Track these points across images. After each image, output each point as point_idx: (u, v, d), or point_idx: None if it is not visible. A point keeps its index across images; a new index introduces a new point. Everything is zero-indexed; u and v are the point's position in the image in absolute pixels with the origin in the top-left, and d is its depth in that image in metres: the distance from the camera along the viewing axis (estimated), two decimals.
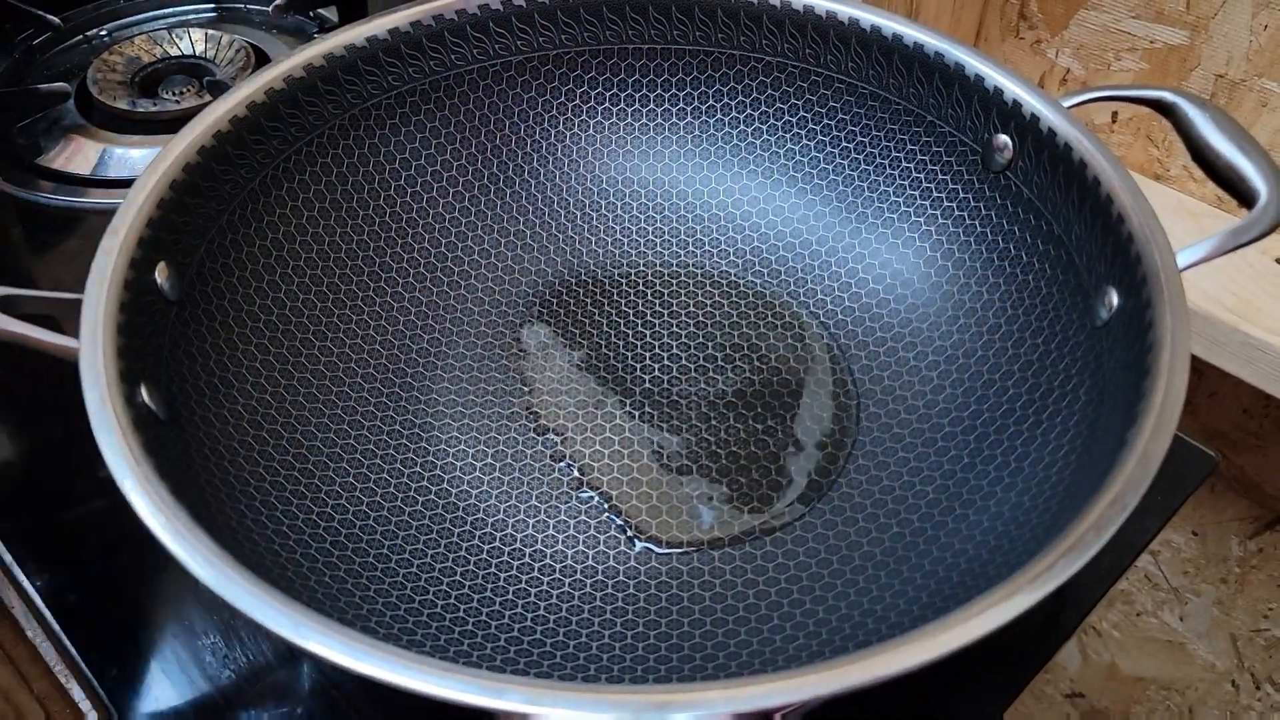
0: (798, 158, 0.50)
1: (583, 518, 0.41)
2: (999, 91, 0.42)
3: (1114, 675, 0.89)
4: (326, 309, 0.45)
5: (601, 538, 0.40)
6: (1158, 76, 0.61)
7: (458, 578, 0.38)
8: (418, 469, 0.42)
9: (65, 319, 0.37)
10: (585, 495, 0.42)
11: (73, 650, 0.41)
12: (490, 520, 0.41)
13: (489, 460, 0.43)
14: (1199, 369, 0.68)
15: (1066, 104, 0.42)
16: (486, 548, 0.40)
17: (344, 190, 0.47)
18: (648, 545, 0.40)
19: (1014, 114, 0.42)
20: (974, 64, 0.43)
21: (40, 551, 0.44)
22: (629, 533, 0.41)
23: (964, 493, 0.39)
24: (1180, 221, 0.64)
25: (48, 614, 0.42)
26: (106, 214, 0.57)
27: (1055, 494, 0.34)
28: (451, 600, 0.37)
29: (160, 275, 0.37)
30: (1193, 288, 0.57)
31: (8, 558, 0.44)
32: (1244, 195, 0.38)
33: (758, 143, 0.51)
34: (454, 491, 0.42)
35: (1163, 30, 0.59)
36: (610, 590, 0.38)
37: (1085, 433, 0.35)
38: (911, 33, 0.44)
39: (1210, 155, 0.39)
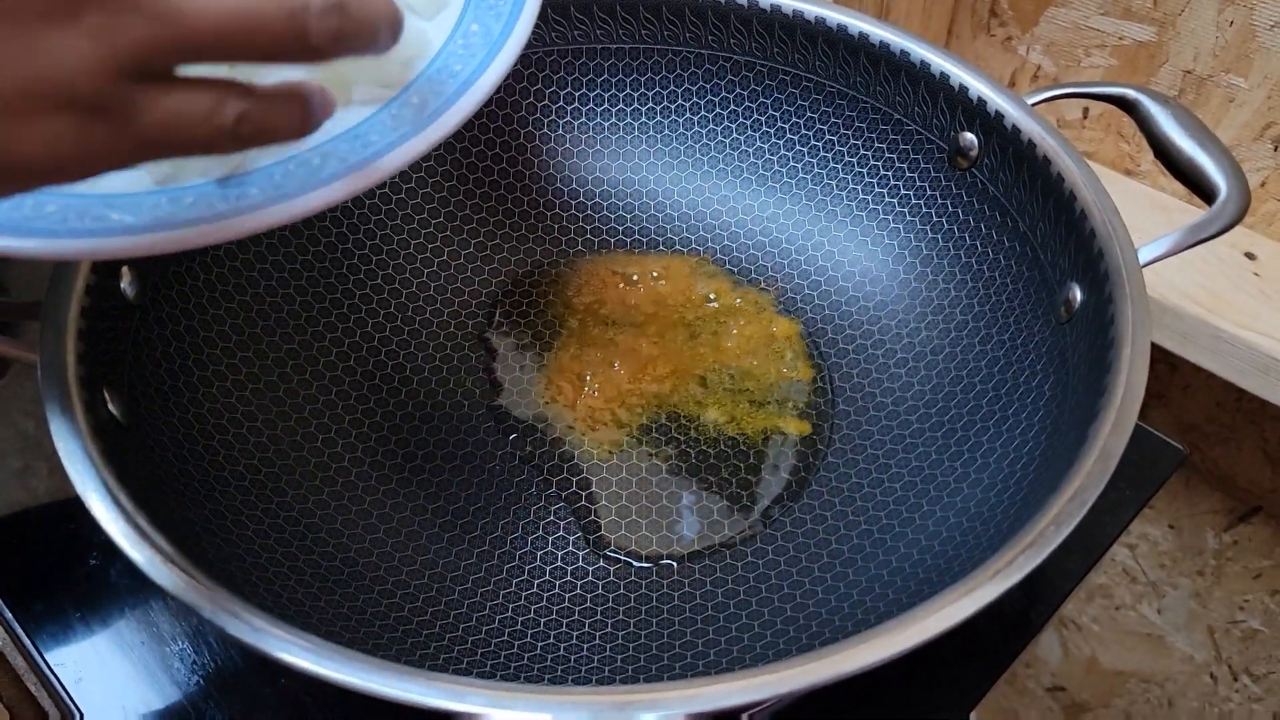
0: (766, 155, 0.50)
1: (551, 519, 0.41)
2: (964, 89, 0.42)
3: (1094, 669, 0.90)
4: (294, 311, 0.45)
5: (570, 539, 0.40)
6: (1127, 73, 0.62)
7: (424, 580, 0.38)
8: (385, 472, 0.42)
9: (23, 323, 0.37)
10: (551, 495, 0.42)
11: (39, 659, 0.41)
12: (459, 523, 0.41)
13: (456, 462, 0.43)
14: (1172, 363, 0.69)
15: (1030, 101, 0.42)
16: (454, 550, 0.40)
17: None
18: (613, 551, 0.40)
19: (979, 111, 0.42)
20: (939, 62, 0.43)
21: (5, 560, 0.44)
22: (593, 536, 0.41)
23: (931, 489, 0.39)
24: (1152, 216, 0.64)
25: (14, 623, 0.42)
26: None
27: (1020, 489, 0.35)
28: (418, 603, 0.37)
29: (124, 280, 0.37)
30: (1163, 282, 0.57)
31: None
32: (1204, 191, 0.38)
33: (726, 141, 0.51)
34: (421, 494, 0.41)
35: (1131, 27, 0.59)
36: (579, 591, 0.38)
37: (1049, 428, 0.36)
38: (877, 31, 0.44)
39: (1172, 151, 0.39)
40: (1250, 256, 0.61)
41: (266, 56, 0.23)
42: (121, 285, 0.37)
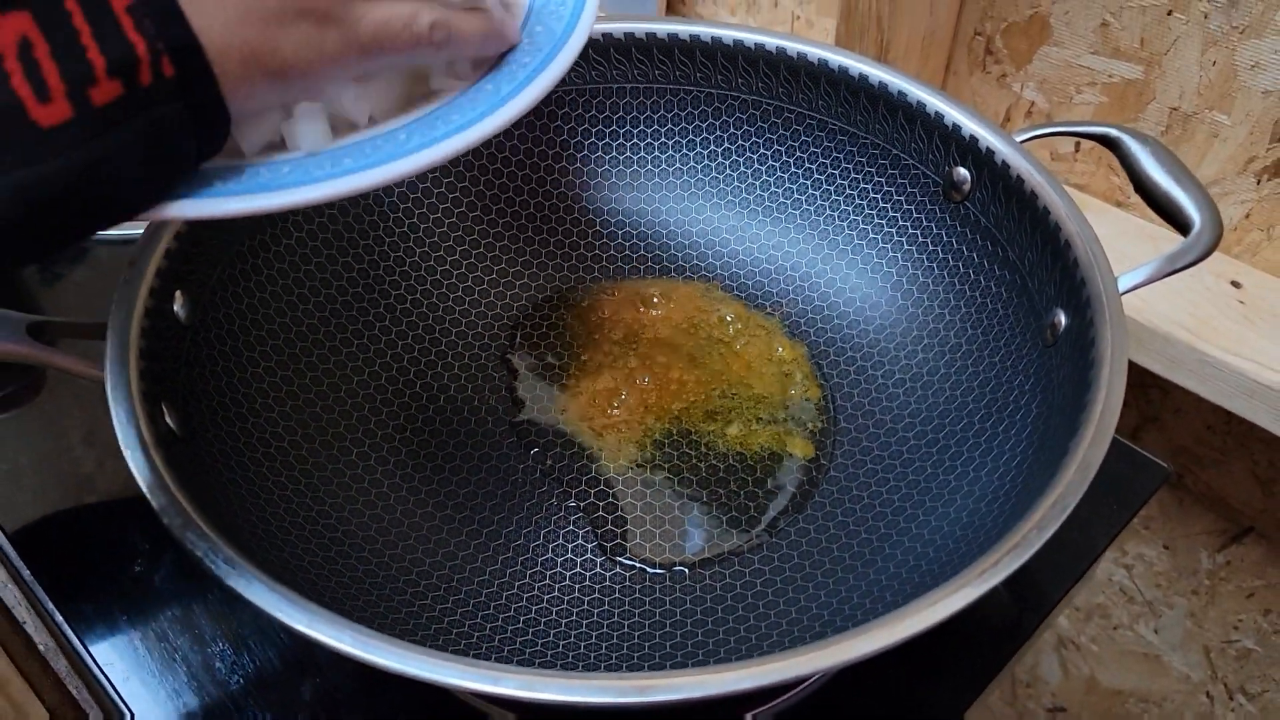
0: (772, 188, 0.53)
1: (570, 528, 0.44)
2: (957, 127, 0.45)
3: (1094, 689, 0.91)
4: (329, 333, 0.47)
5: (588, 547, 0.43)
6: (1116, 109, 0.64)
7: (453, 584, 0.40)
8: (416, 483, 0.45)
9: (76, 342, 0.40)
10: (570, 506, 0.44)
11: (89, 659, 0.43)
12: (484, 531, 0.43)
13: (482, 475, 0.45)
14: (1164, 387, 0.71)
15: (1019, 139, 0.45)
16: (480, 556, 0.42)
17: (345, 222, 0.50)
18: (629, 559, 0.43)
19: (971, 148, 0.45)
20: (934, 102, 0.46)
21: (52, 563, 0.47)
22: (610, 544, 0.43)
23: (926, 500, 0.41)
24: (1140, 245, 0.66)
25: (64, 625, 0.44)
26: (114, 245, 0.60)
27: (1008, 499, 0.37)
28: (449, 604, 0.39)
29: (176, 303, 0.40)
30: (1152, 309, 0.60)
31: (22, 568, 0.46)
32: (1180, 223, 0.41)
33: (735, 174, 0.54)
34: (450, 504, 0.44)
35: (1119, 65, 0.62)
36: (596, 595, 0.41)
37: (1036, 443, 0.38)
38: (876, 73, 0.47)
39: (1150, 186, 0.42)
40: (1235, 285, 0.63)
41: None
42: (175, 308, 0.40)
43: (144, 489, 0.32)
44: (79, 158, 0.23)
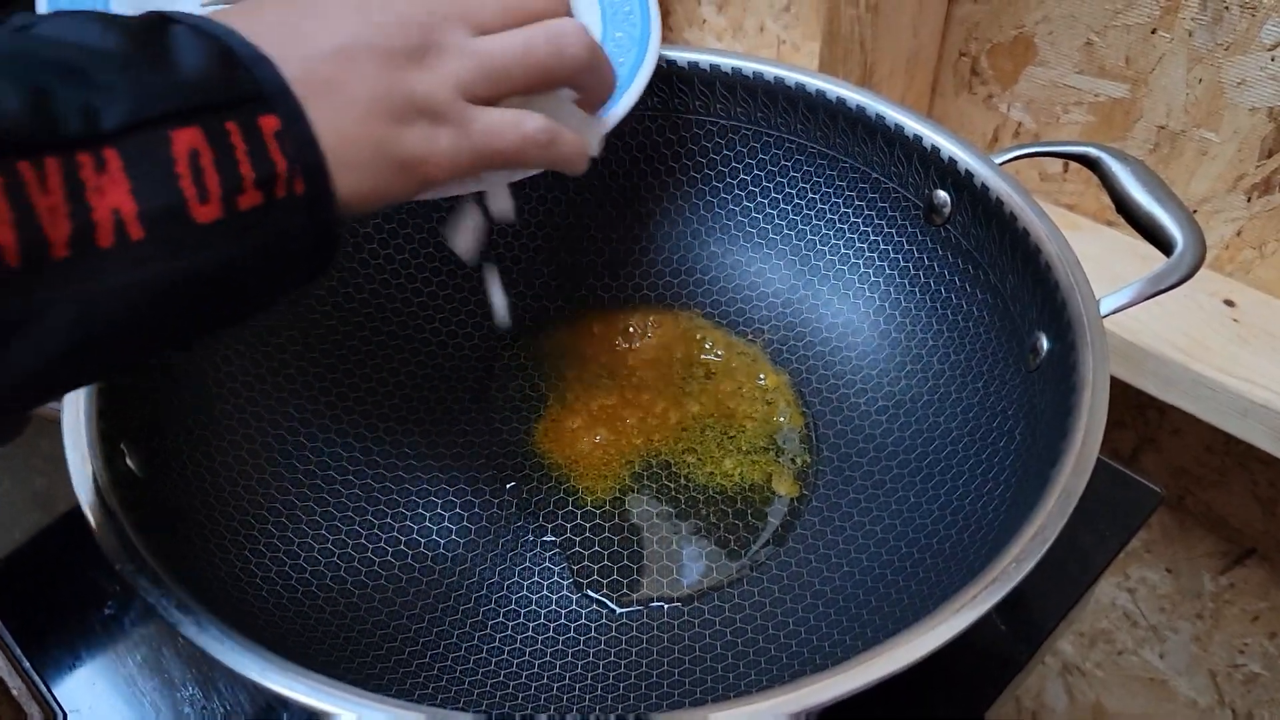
0: (753, 214, 0.52)
1: (546, 564, 0.43)
2: (936, 150, 0.45)
3: (1100, 715, 0.90)
4: (302, 369, 0.47)
5: (564, 584, 0.42)
6: (1104, 129, 0.64)
7: (424, 625, 0.39)
8: (388, 519, 0.44)
9: None
10: (547, 541, 0.43)
11: (56, 706, 0.42)
12: (458, 569, 0.42)
13: (457, 510, 0.45)
14: (1160, 408, 0.70)
15: (998, 160, 0.44)
16: (454, 595, 0.41)
17: None
18: (605, 595, 0.42)
19: (950, 171, 0.44)
20: (912, 124, 0.45)
21: (22, 606, 0.46)
22: (586, 580, 0.42)
23: (909, 531, 0.40)
24: (1133, 265, 0.66)
25: (31, 670, 0.43)
26: None
27: (991, 529, 0.36)
28: (418, 645, 0.38)
29: None
30: (1146, 329, 0.59)
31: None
32: (1162, 243, 0.40)
33: (714, 200, 0.53)
34: (423, 541, 0.43)
35: (1106, 85, 0.62)
36: (572, 634, 0.40)
37: (1020, 471, 0.37)
38: (854, 96, 0.47)
39: (1131, 206, 0.41)
40: (1229, 303, 0.62)
41: (544, 77, 0.33)
42: None
43: (96, 532, 0.31)
44: (222, 254, 0.27)
